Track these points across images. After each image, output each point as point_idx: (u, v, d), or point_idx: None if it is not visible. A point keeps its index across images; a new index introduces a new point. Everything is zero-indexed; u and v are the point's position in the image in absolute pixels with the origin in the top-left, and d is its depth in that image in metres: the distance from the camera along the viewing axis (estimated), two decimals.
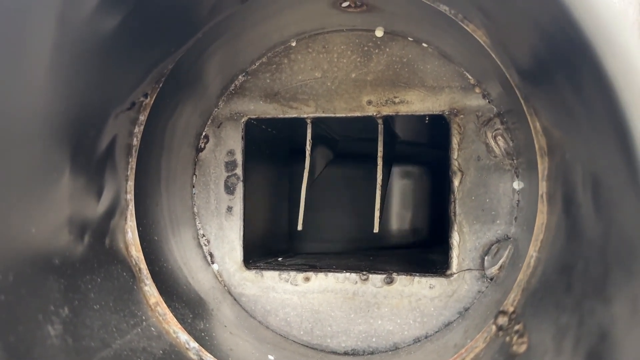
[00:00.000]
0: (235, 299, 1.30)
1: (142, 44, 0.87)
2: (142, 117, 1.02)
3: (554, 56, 0.59)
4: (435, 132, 1.63)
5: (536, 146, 0.89)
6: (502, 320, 0.88)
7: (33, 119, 0.72)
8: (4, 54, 0.65)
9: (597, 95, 0.49)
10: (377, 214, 1.26)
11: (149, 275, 1.03)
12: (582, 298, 0.64)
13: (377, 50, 1.25)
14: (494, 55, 0.92)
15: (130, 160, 1.01)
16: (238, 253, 1.30)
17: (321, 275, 1.26)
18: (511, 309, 0.89)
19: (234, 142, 1.31)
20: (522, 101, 0.89)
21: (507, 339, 0.83)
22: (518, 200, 1.15)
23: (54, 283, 0.78)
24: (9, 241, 0.71)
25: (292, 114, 1.28)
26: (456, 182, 1.18)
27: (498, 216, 1.16)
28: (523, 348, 0.77)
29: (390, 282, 1.22)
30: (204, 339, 1.05)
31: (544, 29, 0.58)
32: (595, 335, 0.58)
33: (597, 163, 0.59)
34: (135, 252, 1.02)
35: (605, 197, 0.59)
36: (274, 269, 1.29)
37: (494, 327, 0.90)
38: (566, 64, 0.57)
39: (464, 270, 1.18)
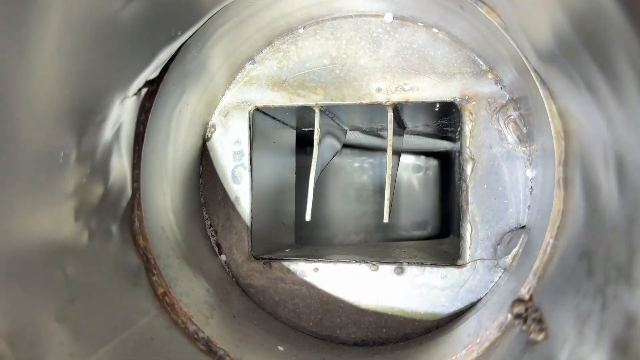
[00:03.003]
0: (243, 290, 1.28)
1: (146, 27, 0.85)
2: (149, 105, 1.00)
3: (581, 32, 0.57)
4: (445, 120, 1.60)
5: (552, 131, 0.87)
6: (519, 308, 0.86)
7: (37, 103, 0.70)
8: (8, 38, 0.64)
9: (627, 65, 0.46)
10: (387, 203, 1.24)
11: (156, 265, 1.01)
12: (605, 284, 0.62)
13: (386, 37, 1.22)
14: (509, 38, 0.89)
15: (137, 148, 1.00)
16: (246, 244, 1.29)
17: (330, 265, 1.24)
18: (527, 297, 0.87)
19: (241, 131, 1.29)
20: (538, 85, 0.87)
21: (524, 327, 0.81)
22: (531, 188, 1.12)
23: (59, 272, 0.77)
24: (14, 230, 0.69)
25: (300, 102, 1.26)
26: (468, 171, 1.16)
27: (511, 204, 1.14)
28: (541, 336, 0.75)
29: (400, 272, 1.21)
30: (213, 330, 1.03)
31: (569, 3, 0.56)
32: (620, 322, 0.56)
33: (622, 142, 0.57)
34: (143, 242, 1.00)
35: (631, 177, 0.56)
36: (282, 260, 1.27)
37: (509, 316, 0.88)
38: (594, 39, 0.54)
39: (476, 260, 1.16)
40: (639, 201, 0.55)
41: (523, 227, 1.12)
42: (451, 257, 1.28)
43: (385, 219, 1.25)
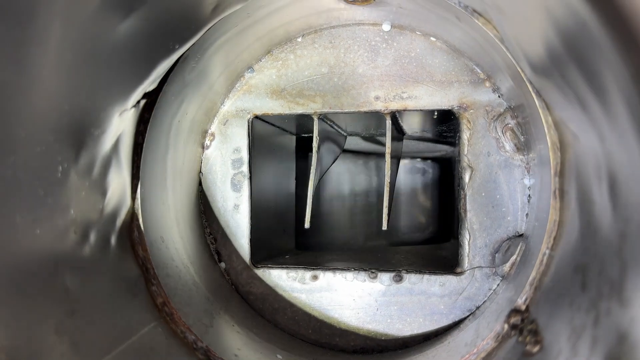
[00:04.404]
0: (242, 298, 1.29)
1: (144, 42, 0.86)
2: (148, 115, 1.01)
3: (571, 50, 0.57)
4: (444, 126, 1.61)
5: (548, 141, 0.87)
6: (515, 318, 0.86)
7: (36, 119, 0.71)
8: (7, 56, 0.64)
9: (616, 88, 0.47)
10: (385, 211, 1.25)
11: (155, 275, 1.02)
12: (597, 298, 0.63)
13: (384, 45, 1.23)
14: (504, 49, 0.90)
15: (136, 158, 1.00)
16: (245, 251, 1.29)
17: (329, 273, 1.25)
18: (524, 308, 0.87)
19: (240, 139, 1.30)
20: (533, 95, 0.87)
21: (520, 338, 0.81)
22: (529, 196, 1.13)
23: (59, 285, 0.78)
24: (14, 244, 0.70)
25: (299, 110, 1.27)
26: (466, 178, 1.17)
27: (509, 212, 1.14)
28: (537, 348, 0.75)
29: (399, 280, 1.21)
30: (212, 339, 1.04)
31: (558, 21, 0.56)
32: (613, 337, 0.56)
33: (614, 159, 0.57)
34: (142, 252, 1.01)
35: (623, 194, 0.57)
36: (281, 267, 1.28)
37: (506, 326, 0.88)
38: (581, 56, 0.55)
39: (475, 268, 1.16)
40: (631, 218, 0.56)
41: (521, 235, 1.13)
42: (450, 263, 1.28)
43: (384, 227, 1.25)
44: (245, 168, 1.30)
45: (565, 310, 0.71)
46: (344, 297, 1.24)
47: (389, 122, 1.25)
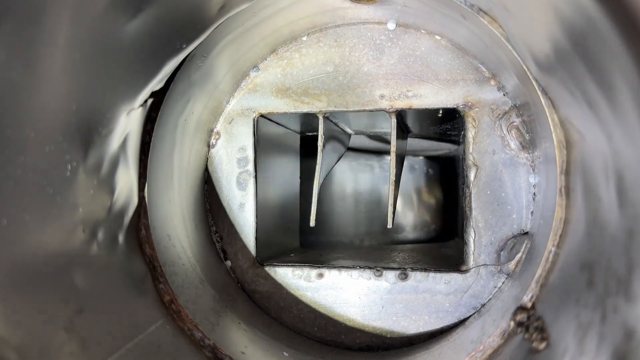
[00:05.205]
0: (248, 296, 1.29)
1: (152, 41, 0.87)
2: (155, 114, 1.01)
3: (578, 48, 0.58)
4: (449, 124, 1.61)
5: (554, 139, 0.87)
6: (521, 316, 0.86)
7: (45, 119, 0.72)
8: (17, 57, 0.65)
9: (623, 86, 0.47)
10: (390, 209, 1.25)
11: (162, 273, 1.02)
12: (604, 295, 0.63)
13: (389, 44, 1.23)
14: (510, 47, 0.90)
15: (143, 157, 1.01)
16: (251, 249, 1.30)
17: (334, 271, 1.25)
18: (530, 305, 0.87)
19: (245, 138, 1.30)
20: (539, 93, 0.88)
21: (527, 335, 0.82)
22: (534, 194, 1.13)
23: (67, 283, 0.78)
24: (24, 242, 0.71)
25: (304, 109, 1.27)
26: (471, 176, 1.17)
27: (514, 210, 1.15)
28: (543, 345, 0.75)
29: (404, 278, 1.21)
30: (219, 336, 1.04)
31: (565, 18, 0.57)
32: (620, 335, 0.56)
33: (621, 157, 0.57)
34: (149, 250, 1.01)
35: (630, 193, 0.57)
36: (287, 266, 1.28)
37: (512, 323, 0.88)
38: (588, 54, 0.55)
39: (480, 266, 1.16)
40: (638, 215, 0.56)
41: (526, 233, 1.13)
42: (455, 261, 1.29)
43: (389, 225, 1.26)
44: (250, 167, 1.30)
45: (572, 307, 0.71)
46: (349, 295, 1.24)
47: (393, 121, 1.25)
